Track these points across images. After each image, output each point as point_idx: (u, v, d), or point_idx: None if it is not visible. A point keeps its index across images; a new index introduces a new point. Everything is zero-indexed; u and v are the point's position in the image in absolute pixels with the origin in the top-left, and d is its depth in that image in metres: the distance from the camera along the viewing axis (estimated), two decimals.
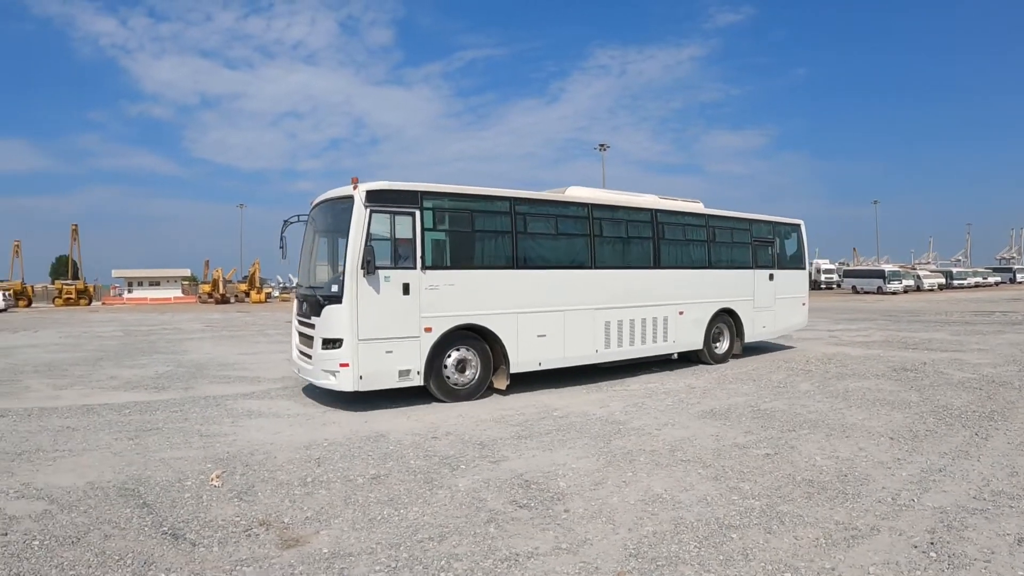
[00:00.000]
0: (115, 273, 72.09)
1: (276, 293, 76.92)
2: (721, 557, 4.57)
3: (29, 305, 58.83)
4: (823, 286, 72.95)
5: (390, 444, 7.81)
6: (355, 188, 10.19)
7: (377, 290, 10.28)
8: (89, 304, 61.21)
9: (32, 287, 65.88)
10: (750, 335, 16.20)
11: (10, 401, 10.89)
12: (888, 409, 9.36)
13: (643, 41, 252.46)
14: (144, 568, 4.60)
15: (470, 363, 11.24)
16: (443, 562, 4.52)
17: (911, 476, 6.31)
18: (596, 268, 13.00)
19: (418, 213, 10.66)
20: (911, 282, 66.48)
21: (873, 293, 62.39)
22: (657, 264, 14.22)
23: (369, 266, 10.05)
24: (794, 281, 17.63)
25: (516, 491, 6.00)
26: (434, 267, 10.82)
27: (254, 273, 67.01)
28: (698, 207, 15.74)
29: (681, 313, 14.50)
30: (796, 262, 17.87)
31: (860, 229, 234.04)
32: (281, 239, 11.83)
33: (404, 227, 10.67)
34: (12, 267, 67.51)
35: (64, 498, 6.14)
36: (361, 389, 10.28)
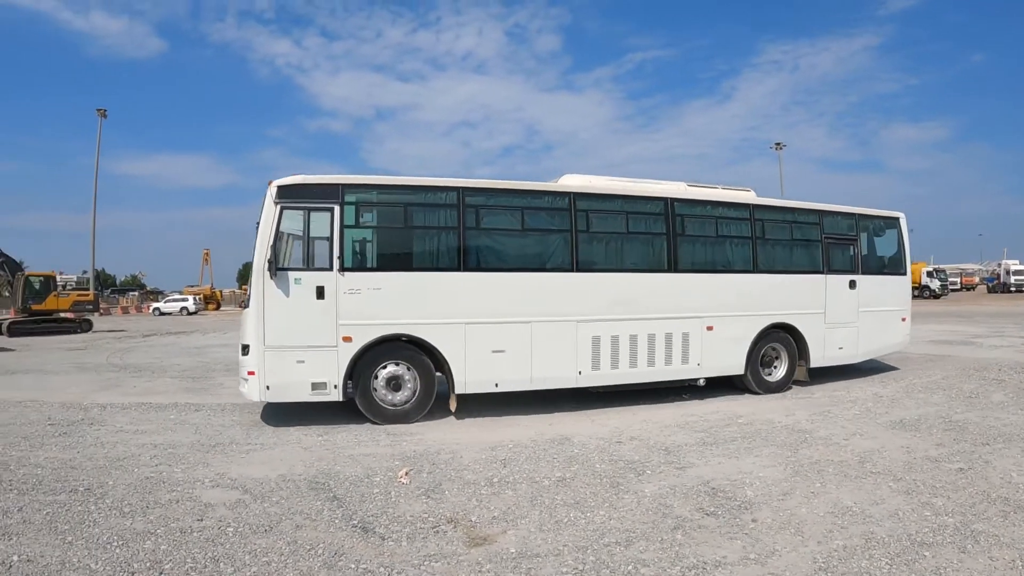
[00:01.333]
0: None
1: None
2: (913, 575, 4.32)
3: (218, 308, 63.92)
4: (1012, 289, 66.74)
5: (575, 447, 7.81)
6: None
7: (287, 293, 9.44)
8: None
9: (220, 292, 71.43)
10: (819, 358, 12.78)
11: (204, 396, 11.77)
12: None
13: (814, 33, 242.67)
14: (335, 558, 4.78)
15: (405, 381, 9.92)
16: (630, 567, 4.47)
17: None
18: (580, 271, 10.75)
19: (337, 209, 9.66)
20: None
21: None
22: (674, 267, 11.47)
23: (271, 266, 9.28)
24: (889, 290, 13.96)
25: (702, 498, 5.88)
26: (355, 269, 9.76)
27: None
28: (741, 195, 12.74)
29: (710, 328, 11.59)
30: (893, 266, 14.22)
31: None
32: None
33: (321, 224, 9.71)
34: (202, 273, 73.52)
35: (256, 488, 6.49)
36: (268, 400, 9.69)
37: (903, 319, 14.04)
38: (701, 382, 11.56)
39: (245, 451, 8.03)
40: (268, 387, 9.35)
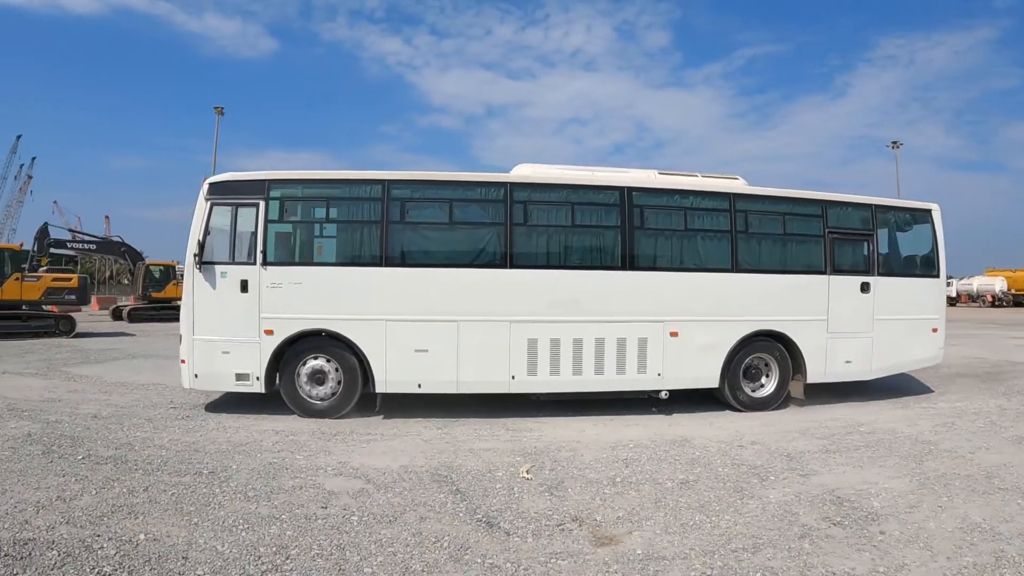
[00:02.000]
0: None
1: None
2: None
3: None
4: None
5: (696, 450, 7.80)
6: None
7: (213, 286, 9.72)
8: None
9: None
10: (819, 372, 10.96)
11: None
12: None
13: (929, 26, 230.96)
14: (460, 552, 4.84)
15: (328, 376, 9.94)
16: (758, 574, 4.48)
17: None
18: (515, 267, 10.06)
19: (263, 204, 9.81)
20: None
21: None
22: (629, 264, 10.38)
23: (196, 260, 9.59)
24: (916, 295, 11.71)
25: (828, 507, 5.81)
26: (277, 263, 9.81)
27: None
28: (722, 184, 11.32)
29: (674, 334, 10.36)
30: (923, 267, 12.00)
31: None
32: None
33: (248, 220, 9.87)
34: None
35: (379, 479, 6.67)
36: (197, 388, 9.99)
37: (934, 329, 11.76)
38: (664, 395, 10.36)
39: (366, 441, 8.28)
40: (196, 375, 9.75)
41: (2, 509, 5.76)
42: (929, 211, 11.95)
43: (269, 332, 9.68)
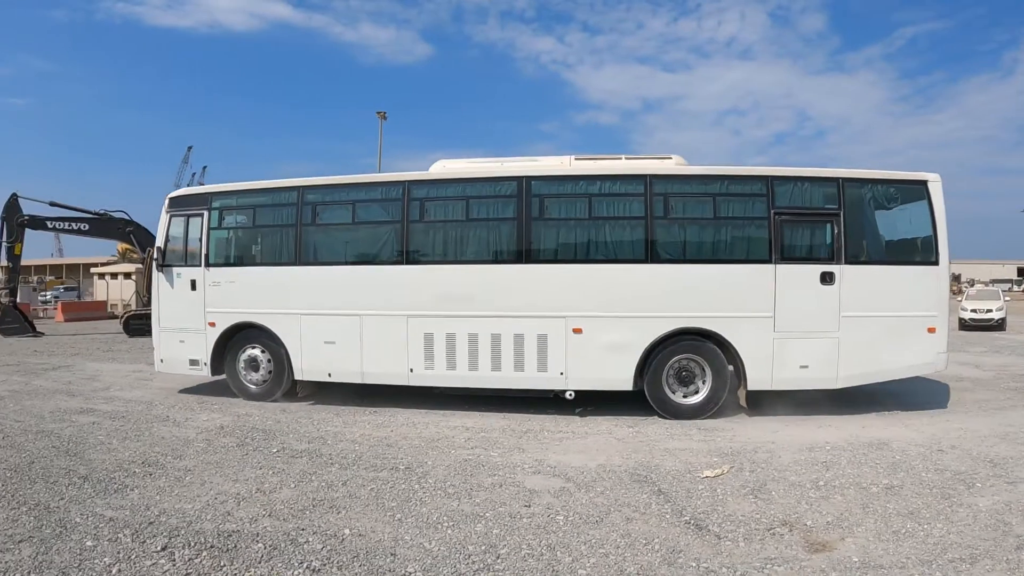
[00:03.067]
0: None
1: None
2: None
3: None
4: None
5: (895, 453, 7.64)
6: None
7: (172, 285, 11.46)
8: None
9: None
10: (763, 379, 9.69)
11: None
12: None
13: None
14: (673, 555, 4.83)
15: (261, 363, 11.20)
16: None
17: None
18: (410, 263, 10.39)
19: (206, 214, 11.25)
20: None
21: None
22: (525, 257, 10.07)
23: (158, 263, 11.49)
24: (901, 287, 9.71)
25: None
26: (216, 264, 11.23)
27: None
28: (642, 165, 10.44)
29: (578, 331, 9.84)
30: (915, 252, 10.00)
31: None
32: None
33: (196, 228, 11.34)
34: None
35: (579, 477, 6.78)
36: (162, 371, 11.91)
37: (931, 329, 9.61)
38: (569, 395, 9.96)
39: (558, 439, 8.53)
40: (162, 360, 11.74)
41: (204, 500, 6.17)
42: (924, 183, 9.80)
43: (212, 324, 11.21)
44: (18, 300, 27.06)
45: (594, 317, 9.83)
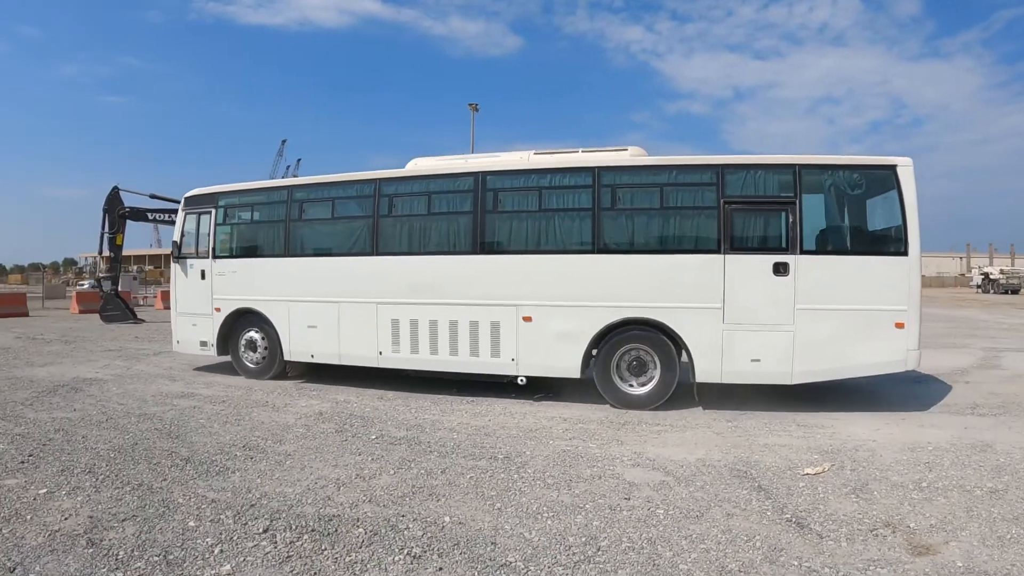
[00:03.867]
0: None
1: None
2: None
3: None
4: None
5: (999, 456, 7.51)
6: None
7: (186, 274, 13.16)
8: None
9: None
10: (712, 371, 9.68)
11: None
12: None
13: None
14: (774, 553, 4.84)
15: (258, 345, 12.67)
16: None
17: None
18: (380, 255, 11.41)
19: (213, 211, 12.84)
20: None
21: None
22: (482, 248, 10.67)
23: (174, 255, 13.22)
24: (865, 279, 9.37)
25: None
26: (221, 257, 12.81)
27: None
28: (590, 158, 10.56)
29: (527, 319, 10.34)
30: (881, 242, 9.64)
31: None
32: None
33: (206, 224, 12.94)
34: None
35: (678, 471, 6.83)
36: (178, 351, 13.66)
37: (899, 324, 9.22)
38: (521, 380, 10.52)
39: (656, 432, 8.65)
40: (178, 341, 13.45)
41: (304, 484, 6.41)
42: (893, 168, 9.37)
43: (218, 310, 12.81)
44: (119, 288, 28.67)
45: (543, 306, 10.33)
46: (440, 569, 4.68)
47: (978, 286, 75.71)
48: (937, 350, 17.23)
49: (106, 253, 27.39)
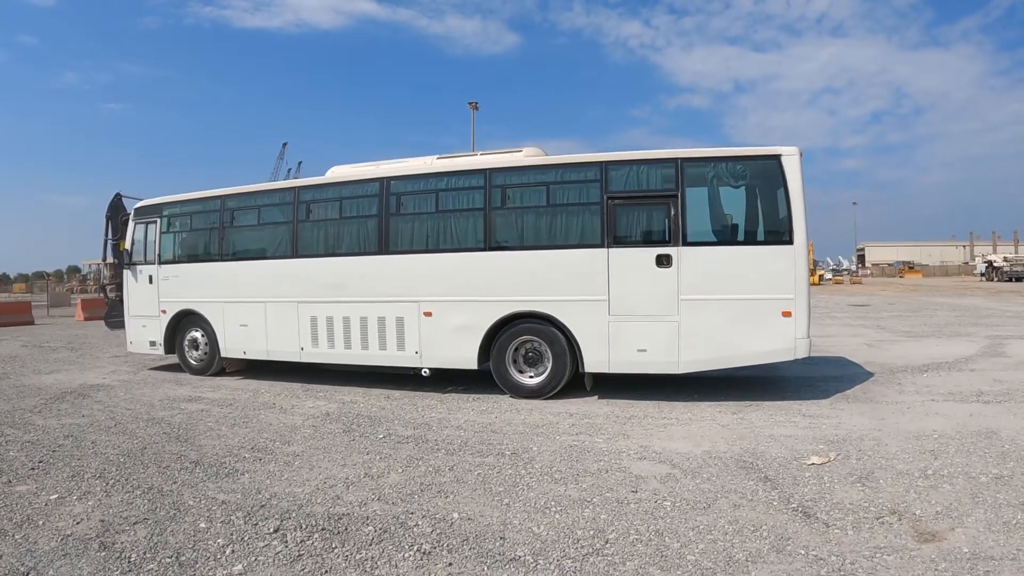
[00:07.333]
0: None
1: (828, 276, 76.50)
2: None
3: None
4: None
5: (1004, 443, 7.51)
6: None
7: (136, 280, 14.14)
8: None
9: None
10: (600, 361, 10.05)
11: None
12: None
13: None
14: (781, 542, 4.85)
15: (200, 343, 13.56)
16: None
17: None
18: (298, 257, 12.22)
19: (159, 220, 13.82)
20: None
21: None
22: (385, 248, 11.40)
23: (125, 263, 14.27)
24: (749, 269, 9.53)
25: None
26: (166, 262, 13.75)
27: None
28: (485, 160, 11.10)
29: (428, 314, 10.99)
30: (765, 232, 9.68)
31: None
32: None
33: (152, 233, 13.91)
34: None
35: (684, 464, 6.85)
36: (132, 352, 14.69)
37: (785, 313, 9.33)
38: (425, 372, 11.16)
39: (662, 425, 8.66)
40: (131, 342, 14.41)
41: (313, 484, 6.44)
42: (777, 158, 9.43)
43: (163, 312, 13.75)
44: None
45: (442, 301, 10.93)
46: (450, 564, 4.70)
47: (982, 274, 75.73)
48: (942, 338, 17.38)
49: (110, 260, 27.34)
